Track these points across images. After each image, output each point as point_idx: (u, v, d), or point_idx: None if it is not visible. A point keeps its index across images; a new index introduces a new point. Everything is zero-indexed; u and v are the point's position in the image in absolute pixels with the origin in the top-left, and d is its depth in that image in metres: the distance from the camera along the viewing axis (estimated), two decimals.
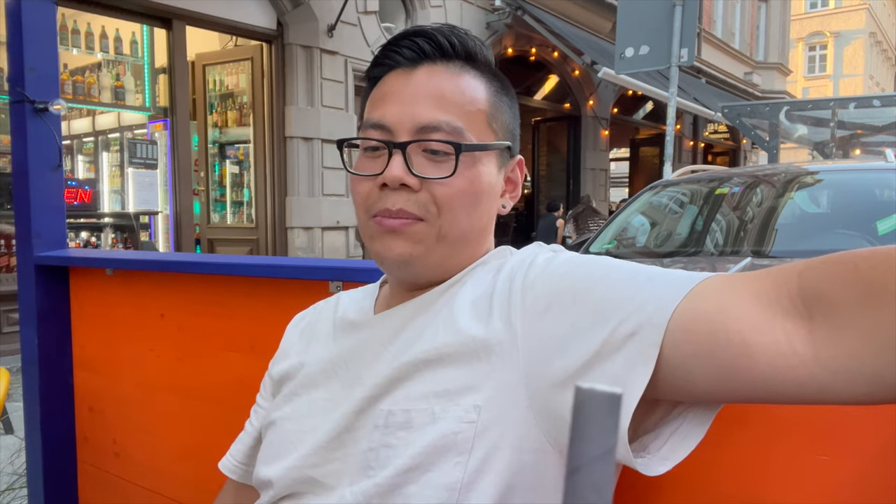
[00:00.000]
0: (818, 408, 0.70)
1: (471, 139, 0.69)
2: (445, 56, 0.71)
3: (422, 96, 0.69)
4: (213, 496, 0.91)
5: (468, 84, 0.71)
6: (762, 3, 17.77)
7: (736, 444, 0.74)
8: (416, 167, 0.68)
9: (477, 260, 0.74)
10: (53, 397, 1.49)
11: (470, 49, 0.72)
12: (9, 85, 1.44)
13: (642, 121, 14.74)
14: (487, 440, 0.60)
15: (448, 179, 0.68)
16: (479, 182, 0.70)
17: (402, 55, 0.71)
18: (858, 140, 7.61)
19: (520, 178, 0.77)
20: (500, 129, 0.73)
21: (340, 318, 0.79)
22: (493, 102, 0.72)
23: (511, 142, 0.75)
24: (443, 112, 0.68)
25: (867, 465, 0.67)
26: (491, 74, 0.74)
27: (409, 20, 8.22)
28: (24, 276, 1.48)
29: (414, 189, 0.68)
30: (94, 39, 5.82)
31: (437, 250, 0.69)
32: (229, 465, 0.87)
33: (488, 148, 0.71)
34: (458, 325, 0.66)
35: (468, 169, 0.69)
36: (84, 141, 6.86)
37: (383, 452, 0.63)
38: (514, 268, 0.68)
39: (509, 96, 0.75)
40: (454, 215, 0.68)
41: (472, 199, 0.69)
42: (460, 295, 0.69)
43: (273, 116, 6.78)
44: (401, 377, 0.66)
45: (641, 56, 5.64)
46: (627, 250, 3.56)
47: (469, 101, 0.70)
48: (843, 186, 3.35)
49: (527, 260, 0.67)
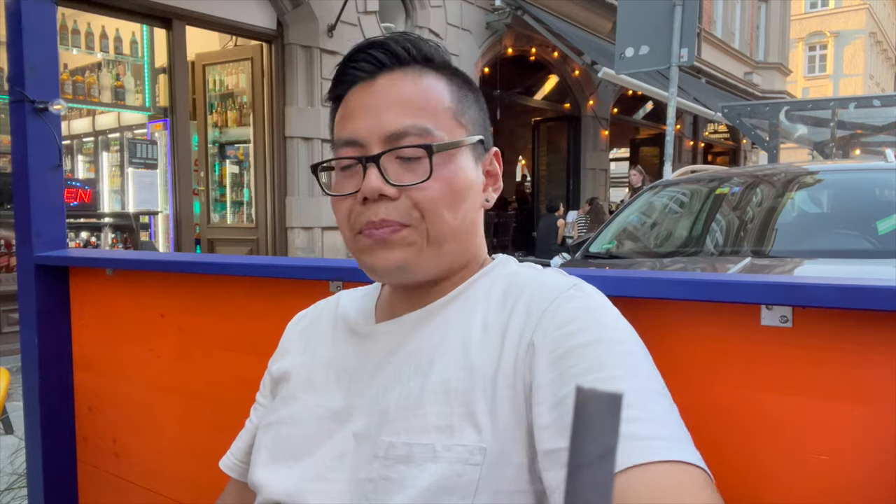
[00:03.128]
0: (818, 408, 0.70)
1: (442, 138, 0.69)
2: (402, 63, 0.72)
3: (386, 105, 0.69)
4: (213, 496, 0.91)
5: (430, 85, 0.71)
6: (762, 3, 17.77)
7: (736, 444, 0.74)
8: (392, 176, 0.68)
9: (471, 259, 0.74)
10: (53, 397, 1.49)
11: (425, 52, 0.73)
12: (9, 85, 1.44)
13: (642, 121, 14.74)
14: (493, 483, 0.60)
15: (426, 183, 0.68)
16: (457, 180, 0.70)
17: (360, 69, 0.72)
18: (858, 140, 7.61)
19: (499, 170, 0.77)
20: (470, 124, 0.73)
21: (341, 320, 0.79)
22: (457, 99, 0.72)
23: (483, 135, 0.75)
24: (409, 117, 0.69)
25: (867, 465, 0.67)
26: (451, 73, 0.74)
27: (409, 20, 8.22)
28: (23, 276, 1.48)
29: (393, 198, 0.68)
30: (94, 39, 5.82)
31: (429, 252, 0.69)
32: (230, 464, 0.87)
33: (460, 144, 0.71)
34: (469, 358, 0.65)
35: (444, 168, 0.69)
36: (84, 141, 6.86)
37: (382, 486, 0.63)
38: (534, 304, 0.66)
39: (473, 91, 0.76)
40: (438, 217, 0.68)
41: (452, 197, 0.69)
42: (469, 316, 0.69)
43: (273, 116, 6.77)
44: (407, 406, 0.66)
45: (641, 56, 5.64)
46: (627, 250, 3.56)
47: (434, 102, 0.70)
48: (843, 186, 3.35)
49: (550, 303, 0.65)
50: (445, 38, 8.44)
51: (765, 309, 0.72)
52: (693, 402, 0.77)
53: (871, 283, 0.66)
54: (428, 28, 8.22)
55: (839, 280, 0.69)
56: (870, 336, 0.67)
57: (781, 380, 0.72)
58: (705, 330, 0.77)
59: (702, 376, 0.76)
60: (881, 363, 0.67)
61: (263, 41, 6.77)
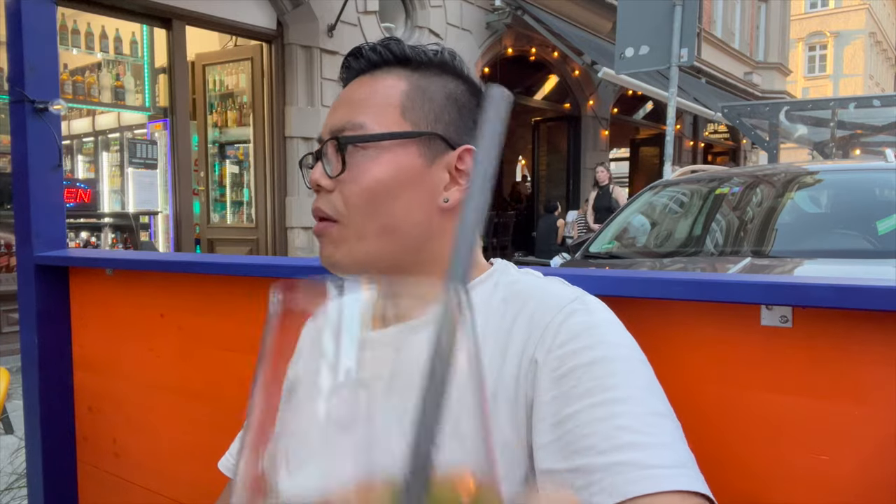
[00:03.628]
0: (818, 408, 0.70)
1: (371, 131, 0.69)
2: (375, 66, 0.74)
3: (341, 104, 0.73)
4: (213, 496, 0.91)
5: (383, 84, 0.72)
6: (762, 3, 17.77)
7: (736, 444, 0.74)
8: (332, 170, 0.70)
9: (440, 262, 0.73)
10: (53, 397, 1.49)
11: (398, 53, 0.73)
12: (9, 85, 1.44)
13: (642, 121, 14.73)
14: None
15: (353, 175, 0.69)
16: (386, 174, 0.69)
17: (345, 74, 0.77)
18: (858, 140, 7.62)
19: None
20: (422, 120, 0.71)
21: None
22: (411, 96, 0.71)
23: (443, 133, 0.71)
24: (350, 113, 0.71)
25: (867, 465, 0.67)
26: (435, 73, 0.73)
27: (409, 20, 8.22)
28: (23, 276, 1.48)
29: (329, 190, 0.70)
30: (94, 39, 5.82)
31: (362, 247, 0.69)
32: (229, 465, 0.87)
33: (382, 138, 0.69)
34: None
35: (370, 161, 0.69)
36: (84, 141, 6.86)
37: None
38: (536, 318, 0.65)
39: (445, 91, 0.73)
40: (360, 211, 0.69)
41: (378, 192, 0.68)
42: None
43: (273, 116, 6.77)
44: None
45: (641, 56, 5.64)
46: (627, 250, 3.56)
47: (380, 98, 0.71)
48: (843, 186, 3.35)
49: (552, 318, 0.64)
50: (445, 38, 8.44)
51: (765, 309, 0.72)
52: (693, 401, 0.77)
53: (870, 283, 0.66)
54: (428, 28, 8.22)
55: (839, 280, 0.69)
56: (869, 336, 0.67)
57: (781, 380, 0.72)
58: (705, 330, 0.77)
59: (702, 376, 0.76)
60: (881, 363, 0.67)
61: (263, 41, 6.77)
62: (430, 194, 0.71)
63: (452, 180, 0.72)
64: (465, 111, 0.74)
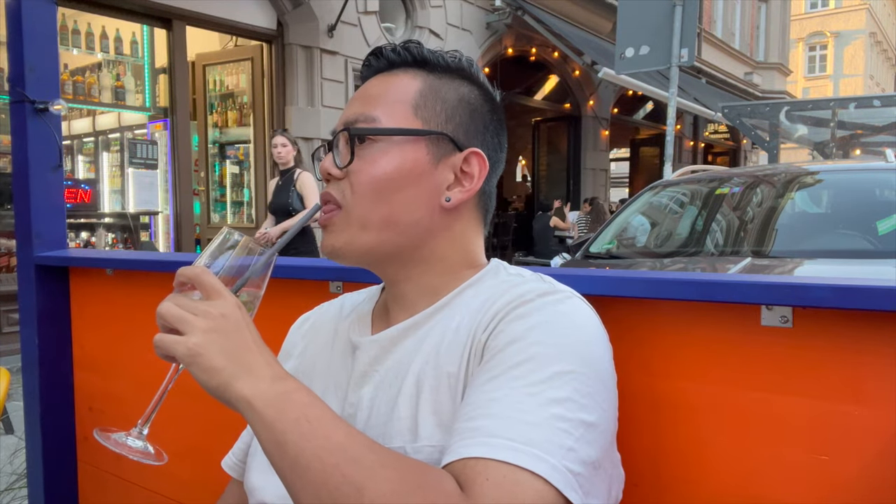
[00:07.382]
0: (818, 408, 0.70)
1: (383, 125, 0.71)
2: (393, 65, 0.76)
3: (356, 99, 0.74)
4: (214, 496, 0.91)
5: (399, 81, 0.74)
6: (762, 3, 17.77)
7: (736, 444, 0.74)
8: (341, 160, 0.72)
9: (437, 260, 0.74)
10: (53, 397, 1.49)
11: (416, 55, 0.75)
12: (9, 85, 1.44)
13: (642, 121, 14.73)
14: None
15: (362, 165, 0.70)
16: (392, 167, 0.70)
17: (363, 72, 0.79)
18: (858, 140, 7.61)
19: (477, 173, 0.73)
20: (433, 120, 0.72)
21: (343, 325, 0.80)
22: (425, 95, 0.73)
23: (452, 134, 0.72)
24: (365, 107, 0.72)
25: (867, 465, 0.67)
26: (447, 75, 0.75)
27: (409, 20, 8.22)
28: (24, 276, 1.48)
29: (339, 178, 0.72)
30: (94, 39, 5.82)
31: (363, 237, 0.71)
32: (230, 464, 0.88)
33: (393, 133, 0.71)
34: (438, 358, 0.68)
35: (379, 154, 0.70)
36: (84, 141, 6.85)
37: None
38: (497, 308, 0.66)
39: (459, 94, 0.74)
40: (365, 199, 0.70)
41: (383, 184, 0.70)
42: (449, 324, 0.70)
43: (273, 116, 6.77)
44: (386, 412, 0.68)
45: (642, 56, 5.64)
46: (627, 250, 3.56)
47: (393, 94, 0.73)
48: (843, 186, 3.35)
49: (508, 307, 0.66)
50: (445, 38, 8.44)
51: (765, 309, 0.72)
52: (693, 401, 0.77)
53: (870, 284, 0.66)
54: (428, 28, 8.22)
55: (839, 280, 0.69)
56: (870, 336, 0.67)
57: (781, 380, 0.72)
58: (706, 330, 0.77)
59: (702, 376, 0.76)
60: (881, 363, 0.67)
61: (263, 41, 6.77)
62: (433, 192, 0.72)
63: (456, 181, 0.73)
64: (476, 115, 0.75)
